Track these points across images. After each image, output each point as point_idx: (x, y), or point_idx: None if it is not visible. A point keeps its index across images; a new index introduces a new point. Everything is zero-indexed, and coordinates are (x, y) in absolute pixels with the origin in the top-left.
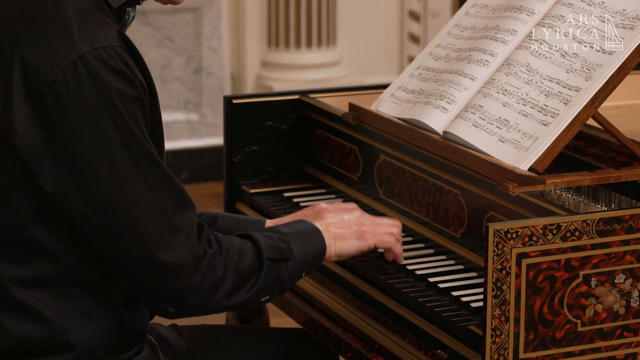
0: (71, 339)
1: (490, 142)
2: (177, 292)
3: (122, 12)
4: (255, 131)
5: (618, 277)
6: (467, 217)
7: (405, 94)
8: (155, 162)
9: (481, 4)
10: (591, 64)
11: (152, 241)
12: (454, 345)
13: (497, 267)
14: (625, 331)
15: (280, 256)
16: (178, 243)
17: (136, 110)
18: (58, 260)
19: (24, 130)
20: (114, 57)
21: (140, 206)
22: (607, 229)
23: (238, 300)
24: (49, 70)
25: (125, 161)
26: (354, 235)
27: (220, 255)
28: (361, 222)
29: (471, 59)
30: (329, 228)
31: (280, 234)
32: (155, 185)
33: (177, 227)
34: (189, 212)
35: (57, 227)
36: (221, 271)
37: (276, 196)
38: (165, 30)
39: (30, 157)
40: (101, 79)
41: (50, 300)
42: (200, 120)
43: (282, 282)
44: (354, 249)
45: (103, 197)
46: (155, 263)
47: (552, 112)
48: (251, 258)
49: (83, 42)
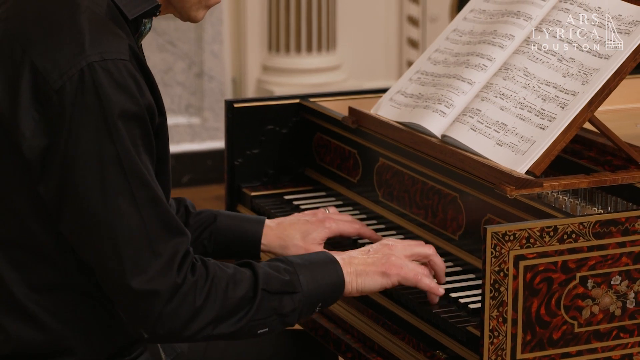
0: (72, 345)
1: (488, 145)
2: (151, 317)
3: (139, 23)
4: (256, 135)
5: (614, 278)
6: (465, 219)
7: (404, 98)
8: (147, 184)
9: (479, 9)
10: (588, 68)
11: (129, 261)
12: (453, 346)
13: (495, 269)
14: (622, 332)
15: (282, 289)
16: (156, 268)
17: (134, 130)
18: (58, 268)
19: (31, 135)
20: (121, 71)
21: (124, 224)
22: (603, 232)
23: (225, 330)
24: (58, 76)
25: (115, 177)
26: (377, 271)
27: (204, 283)
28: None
29: (469, 64)
30: (352, 262)
31: (290, 264)
32: (142, 207)
33: (158, 252)
34: (177, 240)
35: (57, 233)
36: (202, 300)
37: (277, 199)
38: (167, 35)
39: (33, 162)
40: (104, 92)
41: (52, 305)
42: (202, 124)
43: (283, 316)
44: (377, 286)
45: (89, 209)
46: (128, 285)
47: (549, 116)
48: (245, 288)
49: (93, 51)
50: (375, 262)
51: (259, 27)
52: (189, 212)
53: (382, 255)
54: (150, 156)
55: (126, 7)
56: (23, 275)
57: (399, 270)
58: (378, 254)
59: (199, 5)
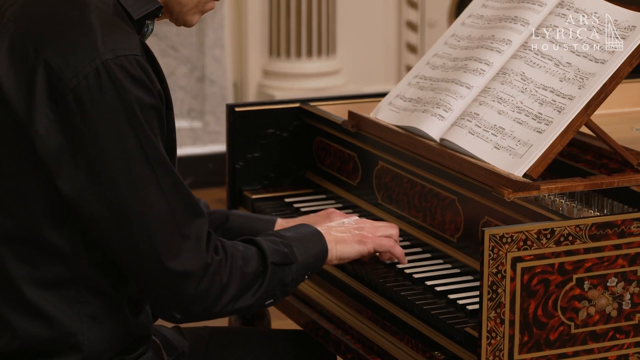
0: (79, 341)
1: (486, 149)
2: (185, 298)
3: (142, 24)
4: (257, 138)
5: (610, 280)
6: (464, 222)
7: (403, 102)
8: (170, 170)
9: (477, 15)
10: (584, 73)
11: (163, 247)
12: (451, 346)
13: (493, 271)
14: (618, 333)
15: (284, 260)
16: (187, 250)
17: (153, 119)
18: (69, 264)
19: (45, 133)
20: (135, 66)
21: (154, 212)
22: (599, 234)
23: (243, 304)
24: (73, 75)
25: (141, 167)
26: (354, 239)
27: (225, 261)
28: (361, 227)
29: (467, 68)
30: (330, 231)
31: (284, 238)
32: (168, 193)
33: (187, 234)
34: (199, 221)
35: (70, 230)
36: (227, 277)
37: (277, 202)
38: (169, 40)
39: (49, 159)
40: (122, 86)
41: (60, 302)
42: (204, 128)
43: (285, 286)
44: (354, 252)
45: (118, 201)
46: (164, 269)
47: (546, 119)
48: (255, 263)
49: (106, 49)
50: (352, 231)
51: (260, 32)
52: None
53: (356, 226)
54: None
55: (132, 8)
56: (31, 271)
57: (374, 238)
58: (352, 225)
59: (195, 10)
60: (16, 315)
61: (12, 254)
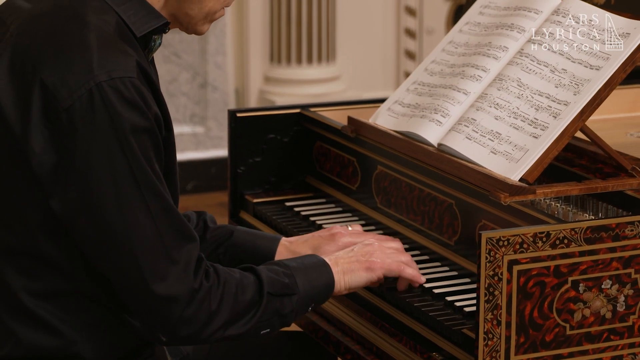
0: (81, 350)
1: (483, 153)
2: (171, 322)
3: (148, 40)
4: (258, 143)
5: (605, 282)
6: (461, 225)
7: (402, 107)
8: (160, 195)
9: (474, 22)
10: (579, 79)
11: (148, 270)
12: (448, 348)
13: (490, 273)
14: (612, 334)
15: (282, 291)
16: (174, 275)
17: (146, 142)
18: (67, 275)
19: (40, 151)
20: (129, 88)
21: (141, 235)
22: (594, 237)
23: (234, 332)
24: (67, 95)
25: (130, 190)
26: (362, 267)
27: (217, 288)
28: (370, 252)
29: (464, 75)
30: (338, 261)
31: (287, 267)
32: (157, 217)
33: (175, 259)
34: (189, 246)
35: (66, 244)
36: (216, 304)
37: (278, 205)
38: (172, 47)
39: (44, 177)
40: (114, 109)
41: (61, 311)
42: (206, 133)
43: (283, 316)
44: (363, 281)
45: (106, 222)
46: (149, 292)
47: (542, 125)
48: (251, 292)
49: (101, 71)
50: (359, 259)
51: (261, 39)
52: (207, 227)
53: (364, 252)
54: (161, 166)
55: (134, 25)
56: (30, 283)
57: (382, 263)
58: (361, 251)
59: (204, 20)
60: (19, 324)
61: (11, 266)
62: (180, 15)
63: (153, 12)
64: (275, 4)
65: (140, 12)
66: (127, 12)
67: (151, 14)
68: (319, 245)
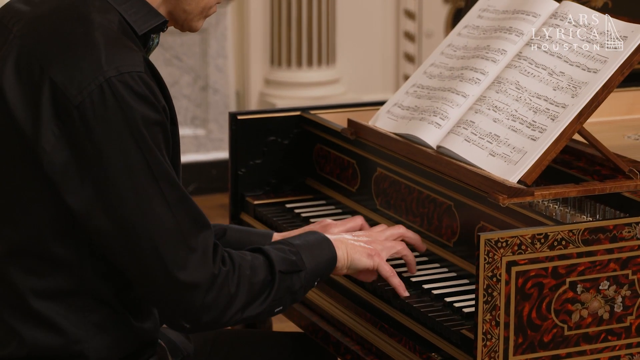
0: (84, 349)
1: (482, 156)
2: (193, 309)
3: (147, 39)
4: (259, 145)
5: (602, 284)
6: (460, 227)
7: (401, 110)
8: (175, 184)
9: (473, 25)
10: (577, 82)
11: (170, 259)
12: (447, 348)
13: (488, 275)
14: (610, 335)
15: (292, 268)
16: (194, 262)
17: (158, 134)
18: (74, 275)
19: (51, 149)
20: (138, 83)
21: (160, 225)
22: (592, 239)
23: (252, 313)
24: (77, 92)
25: (146, 182)
26: (365, 253)
27: (233, 272)
28: (370, 240)
29: (463, 77)
30: (342, 241)
31: (292, 245)
32: (174, 206)
33: (194, 247)
34: (205, 233)
35: (75, 242)
36: (234, 288)
37: (279, 207)
38: (173, 50)
39: (56, 175)
40: (126, 102)
41: (66, 311)
42: (207, 135)
43: (294, 293)
44: (362, 264)
45: (125, 215)
46: (172, 281)
47: (540, 127)
48: (263, 272)
49: (110, 67)
50: (362, 245)
51: (262, 43)
52: None
53: (368, 239)
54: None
55: (136, 23)
56: (36, 282)
57: (380, 258)
58: (364, 237)
59: (200, 15)
60: (23, 324)
61: (18, 266)
62: (178, 12)
63: (152, 11)
64: (275, 8)
65: (140, 10)
66: (128, 11)
67: (151, 13)
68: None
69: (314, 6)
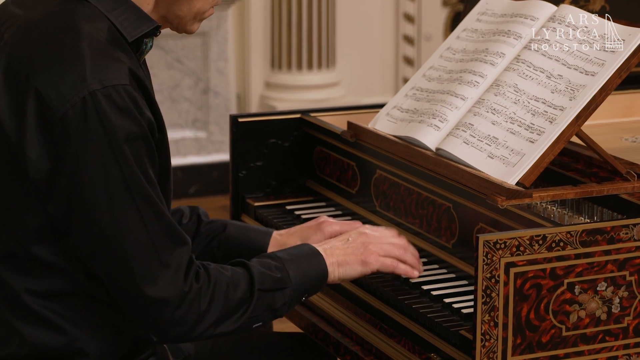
0: (85, 347)
1: (480, 158)
2: (161, 323)
3: (140, 43)
4: (260, 148)
5: (600, 285)
6: (459, 228)
7: (400, 112)
8: (152, 201)
9: (471, 29)
10: (575, 84)
11: (140, 273)
12: (446, 349)
13: (487, 276)
14: (607, 336)
15: (274, 286)
16: (165, 278)
17: (140, 149)
18: (68, 276)
19: (36, 157)
20: (122, 96)
21: (133, 239)
22: (589, 240)
23: (225, 329)
24: (61, 104)
25: (122, 196)
26: (358, 261)
27: (207, 288)
28: (365, 244)
29: (462, 80)
30: (333, 252)
31: (279, 260)
32: (149, 223)
33: (166, 263)
34: (181, 250)
35: (64, 247)
36: (206, 304)
37: (279, 209)
38: (175, 54)
39: (41, 182)
40: (107, 117)
41: (64, 310)
42: (208, 138)
43: (275, 310)
44: (357, 274)
45: (99, 228)
46: (140, 295)
47: (538, 130)
48: (242, 289)
49: (94, 79)
50: (355, 251)
51: (262, 46)
52: (201, 220)
53: (360, 244)
54: (154, 170)
55: (126, 30)
56: (32, 283)
57: (377, 258)
58: (356, 242)
59: (194, 19)
60: (23, 323)
61: (12, 268)
62: (170, 17)
63: (143, 16)
64: (276, 11)
65: (131, 17)
66: (118, 18)
67: (142, 19)
68: (307, 235)
69: (314, 10)
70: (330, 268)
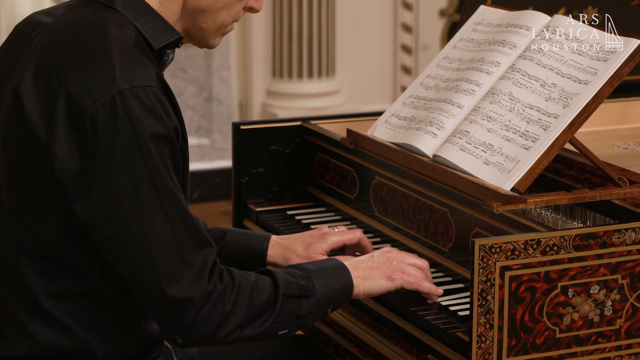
0: (94, 349)
1: (476, 164)
2: (185, 324)
3: (162, 54)
4: (261, 154)
5: (593, 288)
6: (455, 233)
7: (398, 120)
8: (178, 200)
9: (468, 38)
10: (568, 93)
11: (164, 272)
12: (443, 350)
13: (483, 279)
14: (600, 337)
15: (299, 293)
16: (189, 278)
17: (165, 150)
18: (84, 278)
19: (63, 156)
20: (150, 97)
21: (158, 238)
22: (583, 244)
23: (250, 333)
24: (91, 103)
25: (149, 195)
26: (383, 276)
27: (231, 290)
28: (390, 258)
29: (458, 89)
30: (358, 266)
31: (305, 270)
32: (174, 222)
33: (191, 262)
34: (205, 251)
35: (84, 248)
36: (230, 306)
37: (280, 214)
38: (178, 62)
39: (67, 182)
40: (135, 116)
41: (76, 312)
42: (211, 145)
43: (301, 318)
44: (382, 289)
45: (125, 226)
46: (164, 294)
47: (532, 137)
48: (266, 294)
49: (124, 79)
50: (380, 266)
51: (264, 55)
52: None
53: (385, 260)
54: (177, 175)
55: (152, 38)
56: (48, 283)
57: (402, 274)
58: (381, 259)
59: (217, 33)
60: (34, 323)
61: (31, 267)
62: (194, 29)
63: (168, 27)
64: (277, 21)
65: (157, 26)
66: (145, 26)
67: (167, 28)
68: (310, 242)
69: (314, 20)
70: (356, 281)
